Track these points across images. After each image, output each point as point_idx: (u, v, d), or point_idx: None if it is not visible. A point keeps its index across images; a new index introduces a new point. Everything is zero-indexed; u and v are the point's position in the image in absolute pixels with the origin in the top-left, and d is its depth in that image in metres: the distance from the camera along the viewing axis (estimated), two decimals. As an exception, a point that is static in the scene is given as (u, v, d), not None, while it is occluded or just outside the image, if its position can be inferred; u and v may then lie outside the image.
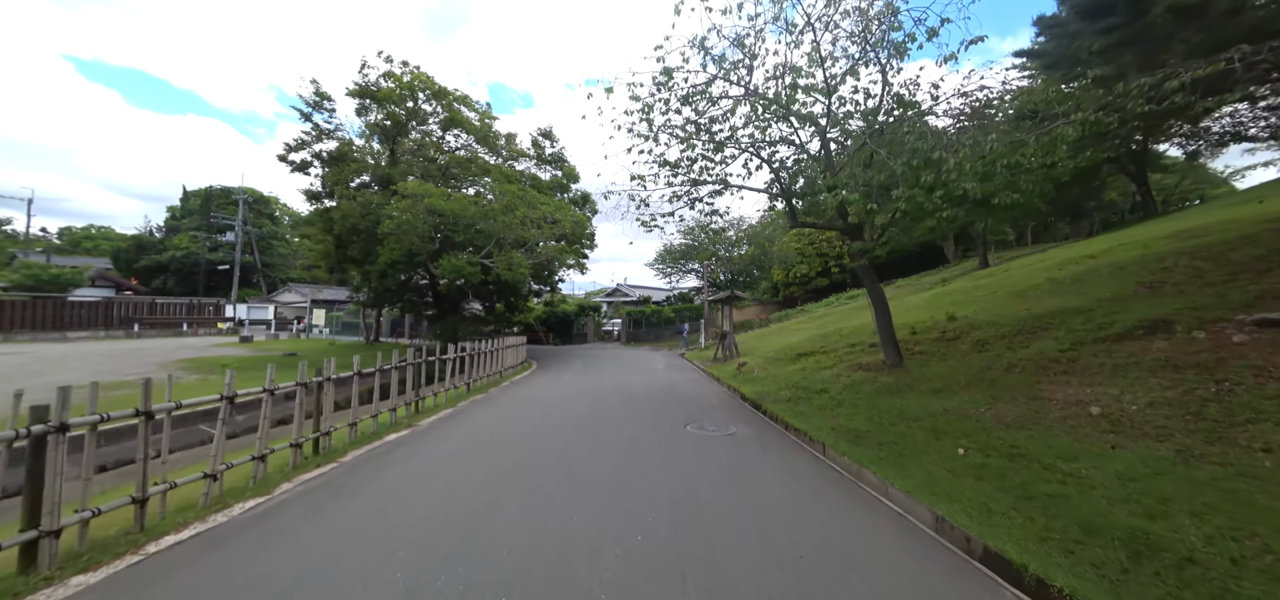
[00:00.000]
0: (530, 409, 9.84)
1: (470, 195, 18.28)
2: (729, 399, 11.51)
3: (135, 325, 29.21)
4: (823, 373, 11.57)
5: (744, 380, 13.34)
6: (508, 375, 15.41)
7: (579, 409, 9.80)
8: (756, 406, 10.15)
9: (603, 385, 13.38)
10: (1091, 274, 11.40)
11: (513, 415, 9.30)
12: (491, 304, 28.18)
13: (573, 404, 10.37)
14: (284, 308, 44.57)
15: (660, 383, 14.10)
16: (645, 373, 16.61)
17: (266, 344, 26.72)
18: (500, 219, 16.87)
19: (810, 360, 13.12)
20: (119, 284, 34.76)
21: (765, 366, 14.35)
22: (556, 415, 9.19)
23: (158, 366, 16.59)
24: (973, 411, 6.81)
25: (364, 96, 20.64)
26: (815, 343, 14.77)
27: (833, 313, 25.25)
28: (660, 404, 10.46)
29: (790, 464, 6.29)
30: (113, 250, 46.21)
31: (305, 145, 19.81)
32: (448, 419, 8.95)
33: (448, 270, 16.53)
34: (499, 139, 25.26)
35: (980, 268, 23.17)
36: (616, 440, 7.25)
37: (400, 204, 16.22)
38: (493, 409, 9.98)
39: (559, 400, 10.92)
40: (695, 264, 34.13)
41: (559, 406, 10.13)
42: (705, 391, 12.58)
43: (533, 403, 10.70)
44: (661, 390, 12.57)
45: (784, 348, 16.11)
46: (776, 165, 10.25)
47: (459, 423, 8.57)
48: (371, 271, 20.09)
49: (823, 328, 20.05)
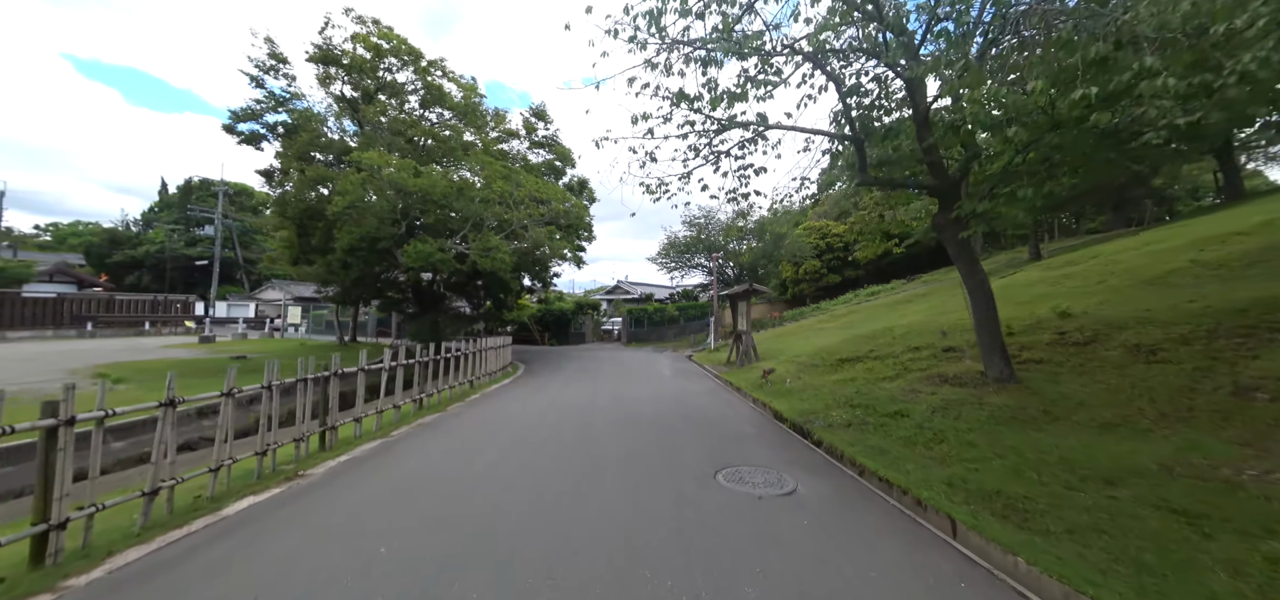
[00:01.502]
0: (490, 441, 6.96)
1: (440, 171, 15.38)
2: (762, 421, 8.64)
3: (88, 324, 26.38)
4: (885, 385, 8.70)
5: (774, 392, 10.48)
6: (482, 384, 12.54)
7: (560, 440, 6.93)
8: (803, 433, 7.30)
9: (597, 399, 10.50)
10: (1272, 252, 8.49)
11: (461, 453, 6.43)
12: (478, 301, 25.33)
13: (553, 431, 7.50)
14: (266, 306, 41.73)
15: (669, 394, 11.25)
16: (649, 380, 13.76)
17: (229, 344, 23.90)
18: (476, 196, 14.01)
19: (860, 368, 10.24)
20: (81, 280, 32.01)
21: (798, 374, 11.48)
22: (523, 453, 6.32)
23: (66, 373, 13.76)
24: (1224, 470, 3.94)
25: (327, 61, 17.79)
26: (858, 345, 11.89)
27: (860, 311, 22.34)
28: (673, 431, 7.59)
29: (922, 567, 3.41)
30: (85, 245, 43.38)
31: (255, 115, 16.92)
32: (363, 461, 6.08)
33: (413, 258, 13.68)
34: (486, 117, 22.42)
35: (1033, 259, 20.27)
36: (609, 509, 4.40)
37: (354, 178, 13.37)
38: (438, 440, 7.11)
39: (535, 424, 8.05)
40: (701, 258, 31.26)
41: (531, 437, 7.25)
42: (728, 408, 9.71)
43: (498, 429, 7.82)
44: (672, 406, 9.71)
45: (816, 351, 13.24)
46: (850, 86, 7.29)
47: (371, 473, 5.70)
48: (333, 262, 17.23)
49: (855, 326, 17.18)
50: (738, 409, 9.66)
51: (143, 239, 42.86)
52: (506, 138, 22.57)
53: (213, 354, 19.77)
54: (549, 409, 9.28)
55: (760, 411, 9.45)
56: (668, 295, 43.85)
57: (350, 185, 13.11)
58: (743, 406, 9.96)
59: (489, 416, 8.49)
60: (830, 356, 11.91)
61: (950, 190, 7.22)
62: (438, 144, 18.51)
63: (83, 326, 26.40)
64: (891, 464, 5.30)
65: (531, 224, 15.55)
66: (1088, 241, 23.23)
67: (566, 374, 15.48)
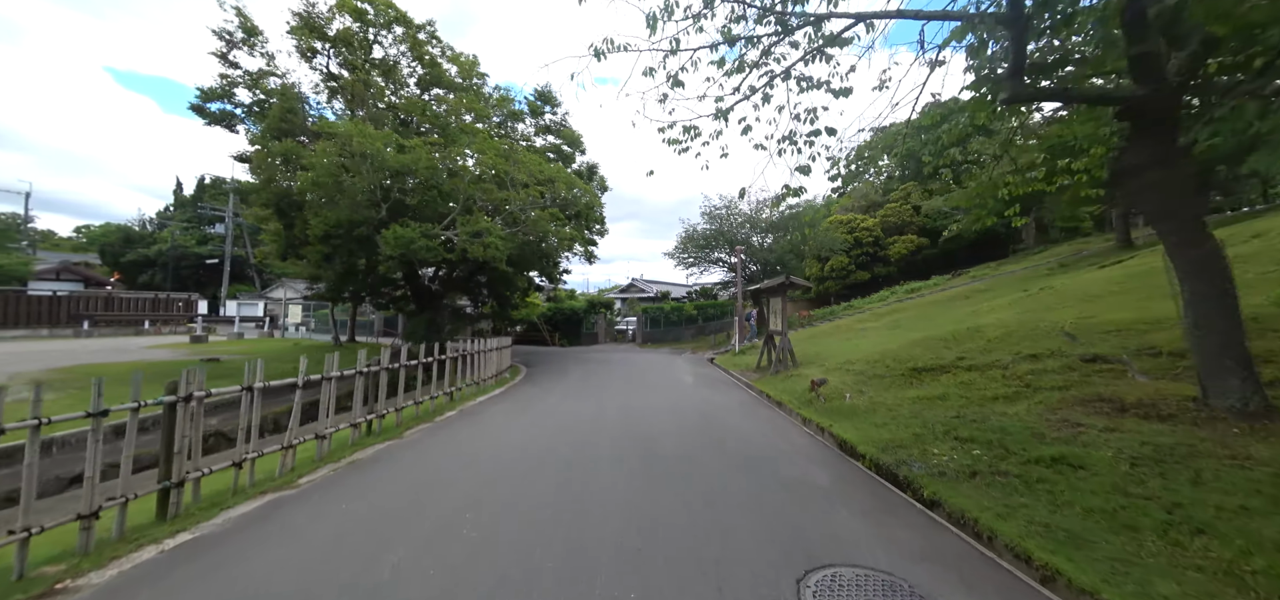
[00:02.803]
0: (425, 506, 4.56)
1: (422, 142, 13.11)
2: (827, 456, 6.14)
3: (85, 323, 25.04)
4: (1002, 407, 6.11)
5: (832, 412, 7.94)
6: (467, 394, 10.26)
7: (536, 499, 4.53)
8: (899, 482, 4.78)
9: (602, 419, 8.09)
10: None
11: (393, 519, 4.07)
12: (481, 299, 23.20)
13: (528, 481, 5.09)
14: (275, 305, 40.49)
15: (693, 411, 8.78)
16: (668, 389, 11.32)
17: (220, 345, 22.20)
18: (466, 174, 11.75)
19: (949, 381, 7.63)
20: (88, 278, 30.95)
21: (857, 386, 8.90)
22: (465, 542, 3.93)
23: (9, 377, 11.94)
24: None
25: (310, 32, 15.76)
26: (934, 350, 9.23)
27: (905, 309, 19.51)
28: (707, 476, 5.13)
29: None
30: (99, 244, 42.75)
31: (225, 94, 14.95)
32: (242, 528, 3.78)
33: (393, 245, 11.49)
34: (487, 100, 20.23)
35: (1122, 245, 17.20)
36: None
37: (325, 148, 11.23)
38: (372, 492, 4.75)
39: (508, 467, 5.66)
40: (721, 253, 28.67)
41: (493, 495, 4.86)
42: (776, 434, 7.20)
43: (453, 477, 5.44)
44: (700, 430, 7.25)
45: (871, 356, 10.62)
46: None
47: (232, 561, 3.38)
48: (312, 254, 15.20)
49: (907, 326, 14.47)
50: (788, 435, 7.14)
51: (156, 238, 42.03)
52: (511, 119, 20.35)
53: (192, 356, 17.97)
54: (537, 435, 6.89)
55: (820, 440, 6.93)
56: (685, 294, 41.34)
57: (319, 161, 10.98)
58: (793, 431, 7.45)
59: (449, 452, 6.12)
60: (896, 364, 9.30)
61: (1163, 106, 4.58)
62: (434, 124, 16.35)
63: (80, 325, 25.08)
64: (1117, 575, 2.76)
65: (532, 208, 13.21)
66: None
67: (571, 380, 13.13)
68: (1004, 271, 22.33)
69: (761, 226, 27.14)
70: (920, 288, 26.40)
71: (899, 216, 37.53)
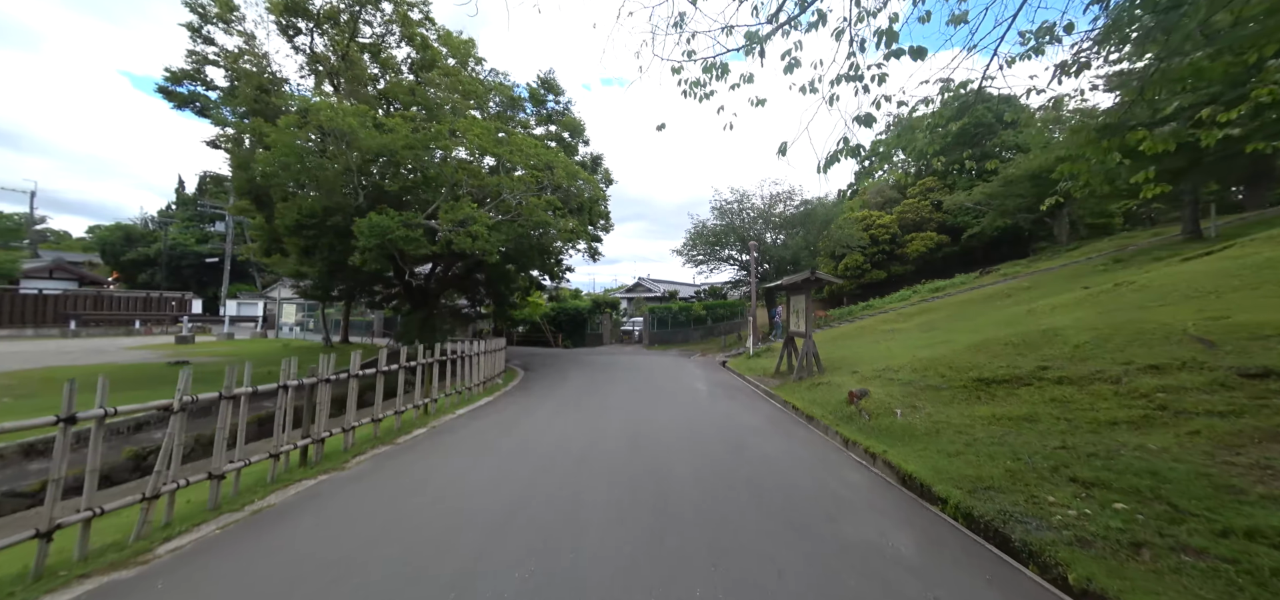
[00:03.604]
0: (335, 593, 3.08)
1: (401, 116, 11.63)
2: (895, 501, 4.60)
3: (72, 322, 23.98)
4: (1145, 439, 4.51)
5: (883, 433, 6.39)
6: (446, 405, 8.81)
7: (492, 592, 3.03)
8: (1038, 567, 3.23)
9: (603, 444, 6.58)
10: None
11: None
12: (478, 298, 21.82)
13: (493, 549, 3.59)
14: (275, 304, 39.48)
15: (712, 428, 7.25)
16: (680, 398, 9.79)
17: (207, 346, 21.02)
18: (443, 144, 10.31)
19: (1036, 396, 6.03)
20: (83, 277, 30.02)
21: (907, 400, 7.31)
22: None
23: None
24: None
25: (291, 9, 14.42)
26: (995, 358, 7.61)
27: (935, 309, 17.83)
28: (751, 546, 3.61)
29: None
30: (100, 242, 41.99)
31: (194, 75, 13.63)
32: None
33: (368, 235, 10.06)
34: (486, 87, 18.82)
35: (1190, 237, 15.38)
36: None
37: (288, 123, 9.85)
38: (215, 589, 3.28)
39: (472, 515, 4.16)
40: (732, 250, 27.05)
41: (435, 575, 3.37)
42: (820, 466, 5.65)
43: (386, 538, 3.96)
44: (727, 462, 5.72)
45: (912, 363, 9.02)
46: None
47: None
48: (292, 247, 13.87)
49: (944, 328, 12.83)
50: (836, 467, 5.59)
51: (157, 237, 41.19)
52: (510, 106, 18.94)
53: (172, 358, 16.73)
54: (514, 471, 5.38)
55: (876, 474, 5.38)
56: (694, 293, 39.78)
57: (280, 138, 9.58)
58: (840, 460, 5.89)
59: (384, 501, 4.62)
60: (952, 373, 7.70)
61: None
62: (423, 105, 14.93)
63: (66, 325, 24.04)
64: None
65: (527, 194, 11.72)
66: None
67: (570, 388, 11.65)
68: (1038, 269, 20.53)
69: (775, 222, 25.50)
70: (944, 287, 24.65)
71: (918, 213, 35.74)
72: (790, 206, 25.24)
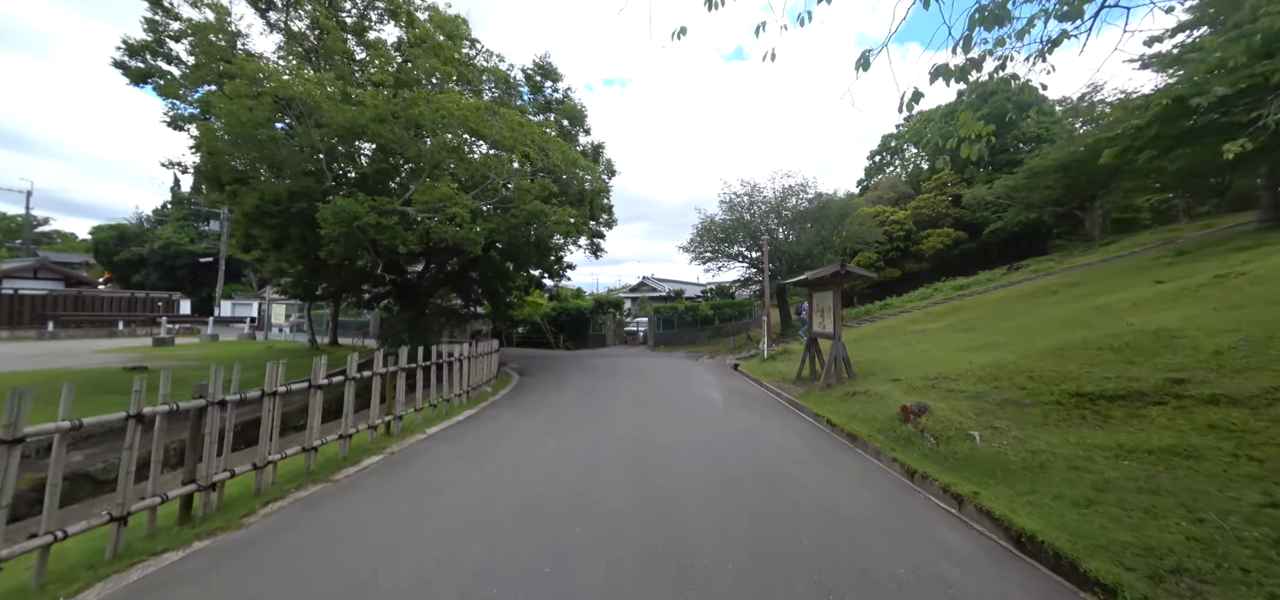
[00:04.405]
0: None
1: (374, 92, 10.18)
2: (1022, 580, 3.07)
3: (50, 324, 22.75)
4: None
5: (956, 463, 4.90)
6: (419, 422, 7.36)
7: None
8: None
9: (600, 481, 5.10)
10: None
11: None
12: (473, 297, 20.39)
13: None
14: (268, 305, 38.25)
15: (736, 453, 5.75)
16: (693, 410, 8.29)
17: (186, 349, 19.72)
18: (422, 118, 8.87)
19: (1179, 420, 4.51)
20: (69, 277, 28.87)
21: (982, 418, 5.80)
22: None
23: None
24: None
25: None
26: (1092, 365, 6.09)
27: (968, 309, 16.27)
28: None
29: None
30: (94, 242, 40.93)
31: (154, 48, 12.24)
32: None
33: (333, 222, 8.63)
34: (479, 71, 17.39)
35: (1267, 225, 13.69)
36: None
37: (235, 89, 8.43)
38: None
39: None
40: (741, 247, 25.51)
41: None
42: (892, 513, 4.14)
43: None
44: (762, 508, 4.22)
45: (973, 371, 7.49)
46: None
47: None
48: (262, 239, 12.50)
49: (985, 328, 11.30)
50: (915, 516, 4.09)
51: (151, 236, 40.10)
52: (506, 90, 17.49)
53: (140, 361, 15.40)
54: (470, 529, 3.91)
55: (976, 532, 3.86)
56: (700, 292, 38.27)
57: (230, 107, 8.16)
58: (913, 504, 4.39)
59: (341, 540, 3.18)
60: (1035, 384, 6.17)
61: None
62: (407, 82, 13.49)
63: (44, 326, 22.81)
64: None
65: (518, 178, 10.27)
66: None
67: (567, 396, 10.17)
68: (1073, 264, 18.88)
69: (787, 216, 23.95)
70: (968, 284, 23.04)
71: (934, 208, 34.12)
72: (803, 199, 23.68)
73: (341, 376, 5.49)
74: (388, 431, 6.57)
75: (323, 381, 5.04)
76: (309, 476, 4.79)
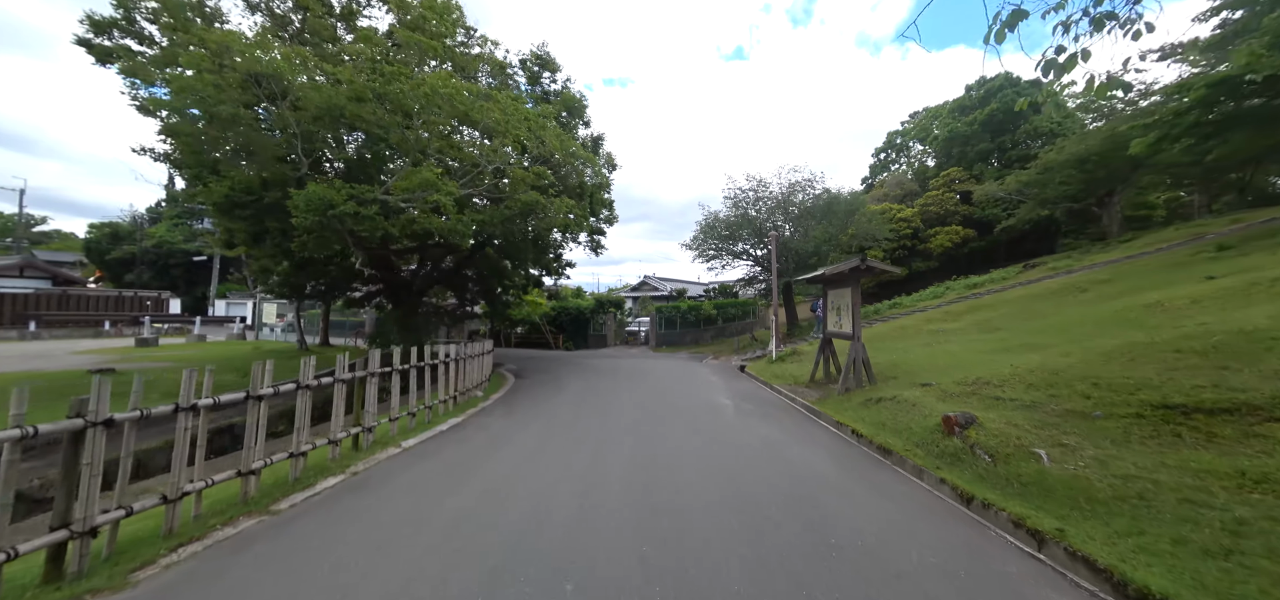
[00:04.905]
0: None
1: (349, 64, 9.30)
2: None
3: (31, 324, 21.93)
4: None
5: (1023, 488, 4.03)
6: (394, 434, 6.50)
7: None
8: None
9: (597, 505, 4.24)
10: None
11: None
12: (468, 296, 19.54)
13: None
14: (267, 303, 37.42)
15: (755, 466, 4.89)
16: (704, 420, 7.42)
17: (170, 350, 18.88)
18: (399, 91, 8.00)
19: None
20: (56, 276, 28.05)
21: (1045, 432, 4.93)
22: None
23: None
24: None
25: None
26: (1176, 372, 5.21)
27: (988, 307, 15.41)
28: None
29: None
30: (87, 241, 40.14)
31: (123, 25, 11.37)
32: None
33: (304, 209, 7.78)
34: (476, 61, 16.54)
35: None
36: None
37: (191, 60, 7.57)
38: None
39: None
40: (746, 244, 24.64)
41: None
42: (968, 568, 3.25)
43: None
44: (796, 549, 3.35)
45: (1019, 377, 6.63)
46: None
47: None
48: (238, 234, 11.66)
49: (1012, 328, 10.45)
50: (987, 563, 3.21)
51: (145, 234, 39.30)
52: (502, 77, 16.62)
53: (110, 363, 14.57)
54: (433, 592, 3.06)
55: (1069, 581, 2.99)
56: (703, 292, 37.42)
57: (185, 83, 7.31)
58: (974, 537, 3.52)
59: None
60: (1106, 392, 5.31)
61: None
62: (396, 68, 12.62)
63: (26, 326, 21.98)
64: None
65: (510, 164, 9.40)
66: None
67: (564, 401, 9.31)
68: (1093, 262, 17.95)
69: (793, 212, 23.06)
70: (981, 282, 22.14)
71: (942, 206, 33.21)
72: (810, 194, 22.80)
73: (294, 386, 4.63)
74: (356, 445, 5.71)
75: (265, 392, 4.18)
76: (245, 507, 3.92)
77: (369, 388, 5.81)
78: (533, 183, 9.59)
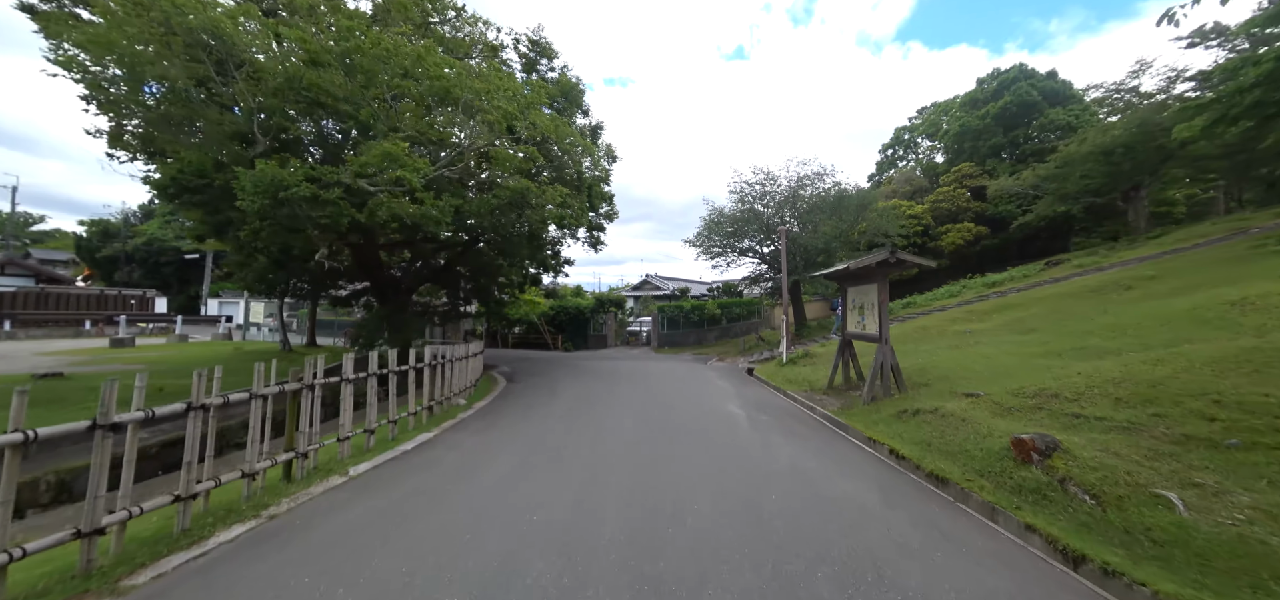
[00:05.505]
0: None
1: (311, 29, 8.18)
2: None
3: (7, 323, 20.90)
4: None
5: (1177, 555, 2.84)
6: (345, 459, 5.38)
7: None
8: None
9: (580, 584, 3.08)
10: None
11: None
12: (459, 295, 18.43)
13: None
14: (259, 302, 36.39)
15: (787, 509, 3.76)
16: (714, 435, 6.28)
17: (146, 351, 17.80)
18: (355, 46, 6.88)
19: None
20: (38, 274, 27.02)
21: (1164, 465, 3.77)
22: None
23: None
24: None
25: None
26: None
27: (1014, 304, 14.26)
28: None
29: None
30: (77, 239, 39.19)
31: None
32: None
33: (252, 191, 6.67)
34: (471, 45, 15.43)
35: None
36: None
37: (103, 8, 6.45)
38: None
39: None
40: (752, 241, 23.48)
41: None
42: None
43: None
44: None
45: (1099, 390, 5.49)
46: None
47: None
48: (199, 225, 10.58)
49: (1048, 329, 9.32)
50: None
51: (137, 231, 38.35)
52: (493, 56, 15.52)
53: (60, 368, 13.50)
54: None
55: None
56: (706, 291, 36.27)
57: (101, 36, 6.20)
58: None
59: None
60: (1236, 414, 4.18)
61: None
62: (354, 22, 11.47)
63: (1, 326, 20.95)
64: None
65: (480, 139, 8.26)
66: None
67: (558, 409, 8.18)
68: (1124, 259, 16.75)
69: (803, 207, 21.89)
70: (1000, 281, 20.95)
71: (953, 202, 31.97)
72: (820, 188, 21.62)
73: (184, 407, 3.50)
74: (289, 475, 4.58)
75: (134, 416, 3.05)
76: (86, 581, 2.79)
77: (306, 404, 4.68)
78: (521, 167, 8.45)
